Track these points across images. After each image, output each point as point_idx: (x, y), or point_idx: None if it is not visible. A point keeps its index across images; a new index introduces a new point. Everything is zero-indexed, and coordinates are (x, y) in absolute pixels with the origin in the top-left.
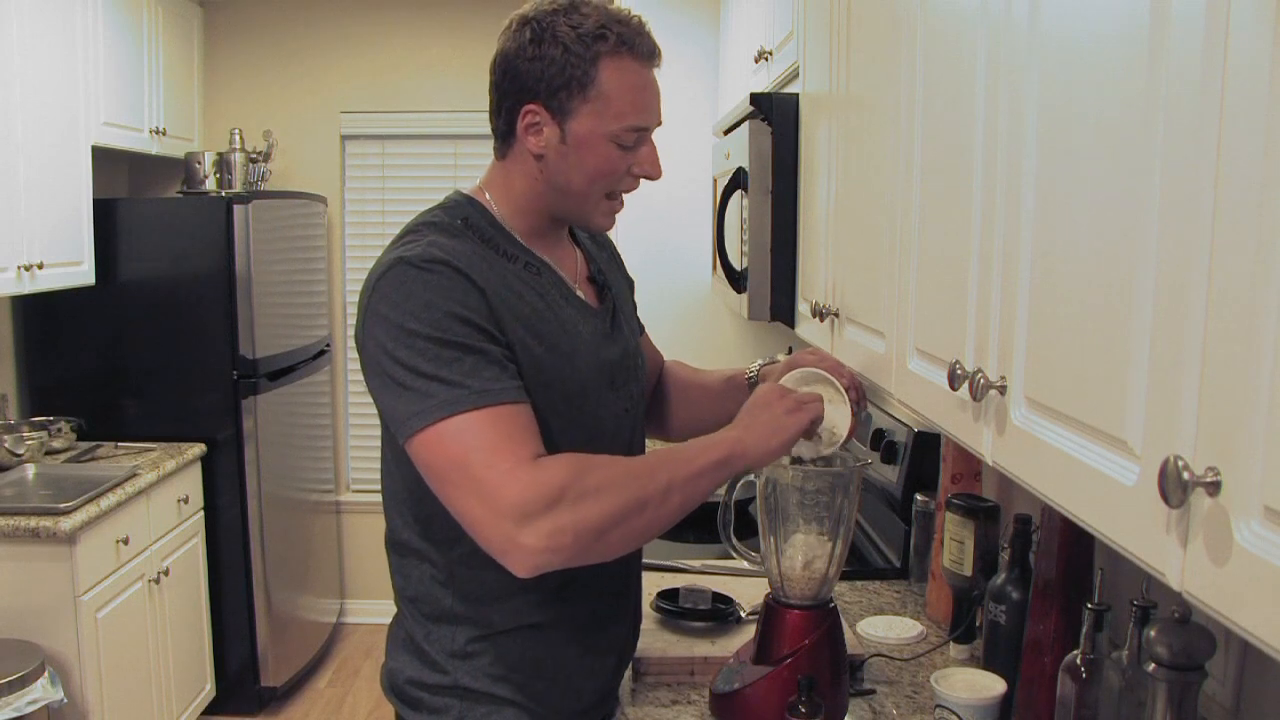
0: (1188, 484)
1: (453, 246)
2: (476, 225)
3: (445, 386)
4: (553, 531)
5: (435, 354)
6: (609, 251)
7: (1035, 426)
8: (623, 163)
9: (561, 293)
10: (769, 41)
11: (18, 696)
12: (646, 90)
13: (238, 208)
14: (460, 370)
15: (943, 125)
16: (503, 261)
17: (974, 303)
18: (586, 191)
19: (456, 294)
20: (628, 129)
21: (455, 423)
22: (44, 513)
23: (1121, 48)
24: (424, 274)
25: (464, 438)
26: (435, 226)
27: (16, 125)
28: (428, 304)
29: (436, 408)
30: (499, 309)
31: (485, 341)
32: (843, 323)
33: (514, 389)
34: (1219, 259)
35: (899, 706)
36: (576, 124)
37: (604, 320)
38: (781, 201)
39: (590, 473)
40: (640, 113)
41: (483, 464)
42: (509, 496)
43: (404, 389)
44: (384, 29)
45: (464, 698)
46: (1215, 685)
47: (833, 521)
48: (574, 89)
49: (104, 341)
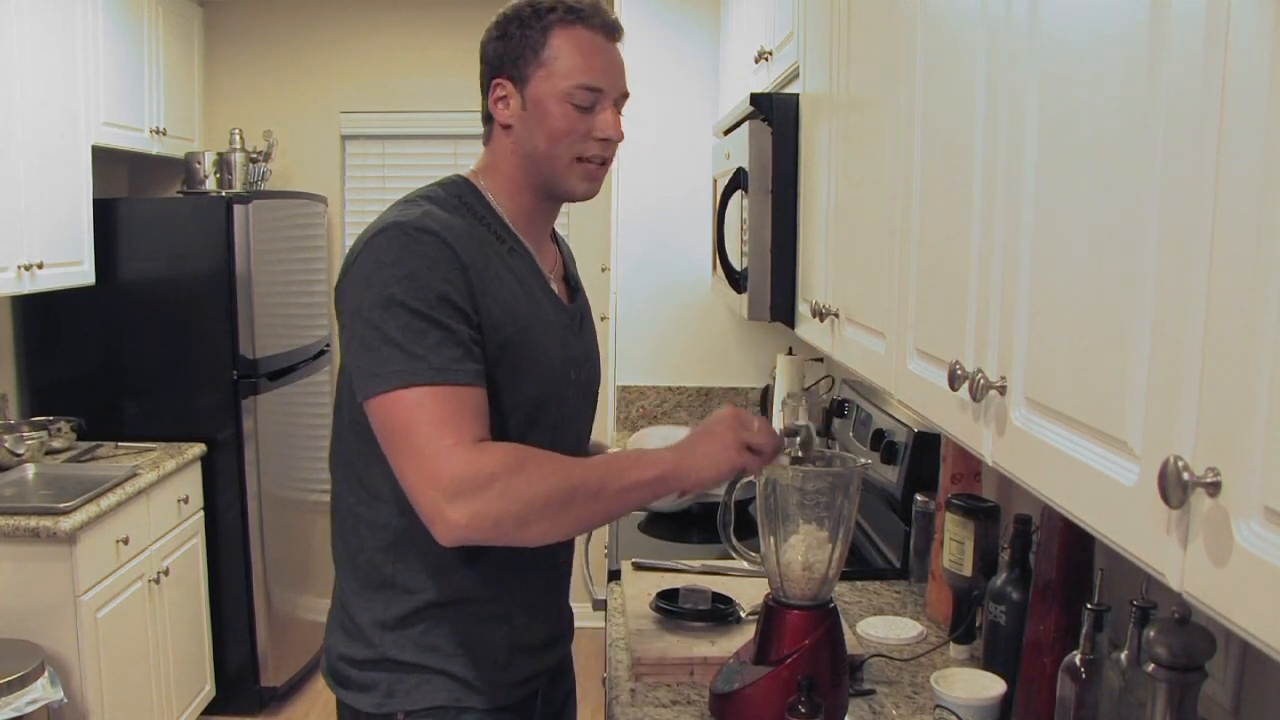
0: (1188, 484)
1: (446, 220)
2: (471, 204)
3: (408, 357)
4: (478, 513)
5: (406, 322)
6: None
7: (1035, 427)
8: (581, 124)
9: (538, 282)
10: (769, 42)
11: (18, 696)
12: (597, 54)
13: (238, 208)
14: (425, 344)
15: (943, 125)
16: (492, 241)
17: (974, 303)
18: (552, 153)
19: (440, 268)
20: (577, 87)
21: (410, 394)
22: (44, 512)
23: (1121, 48)
24: (413, 242)
25: (414, 409)
26: (432, 199)
27: (16, 125)
28: (411, 273)
29: (395, 375)
30: (479, 286)
31: (456, 320)
32: (843, 323)
33: (472, 372)
34: (1219, 259)
35: (899, 707)
36: (533, 88)
37: (573, 318)
38: (781, 202)
39: (525, 466)
40: (589, 72)
41: (426, 437)
42: (444, 472)
43: (370, 350)
44: (384, 29)
45: (391, 670)
46: (1215, 686)
47: (833, 522)
48: (529, 56)
49: (104, 341)
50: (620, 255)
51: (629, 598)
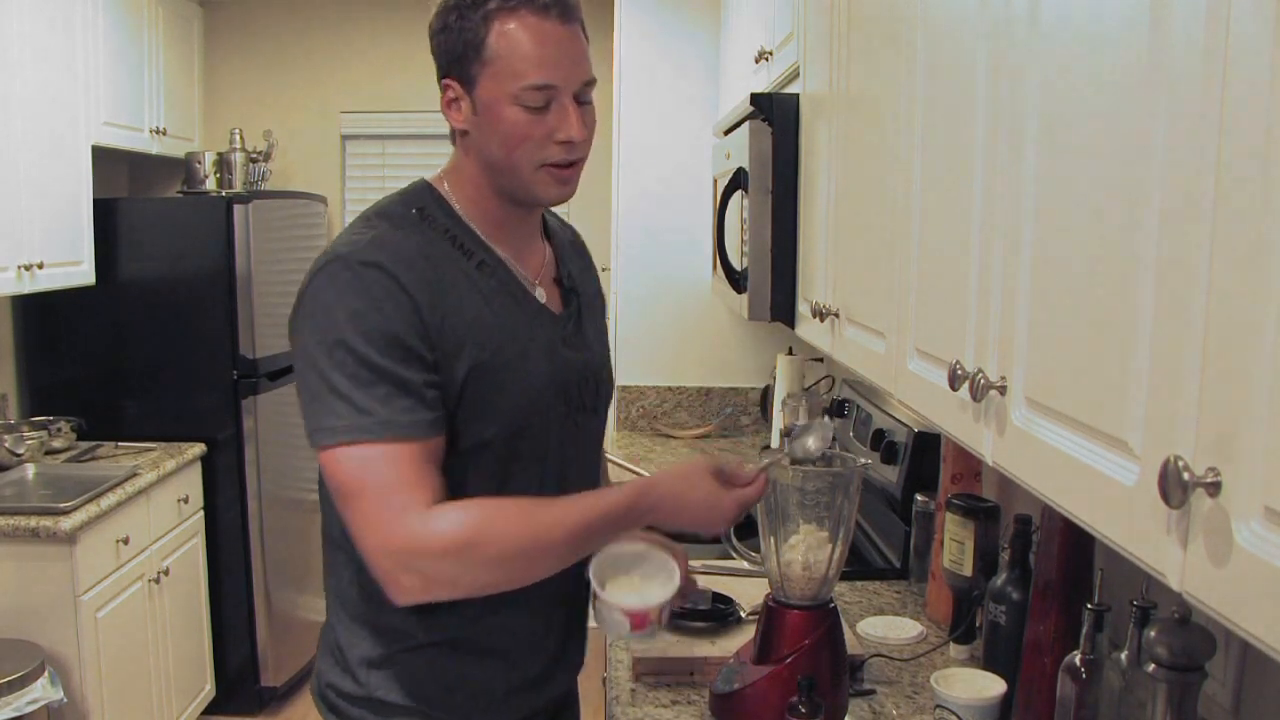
0: (1188, 484)
1: (398, 243)
2: (432, 216)
3: (354, 411)
4: (433, 579)
5: (352, 371)
6: (587, 261)
7: (1035, 427)
8: (537, 127)
9: (513, 294)
10: (769, 42)
11: (18, 696)
12: (545, 44)
13: (238, 207)
14: (372, 396)
15: (943, 124)
16: (456, 256)
17: (974, 303)
18: (510, 163)
19: (387, 305)
20: (527, 88)
21: (357, 451)
22: (44, 512)
23: (1122, 44)
24: (357, 279)
25: (362, 468)
26: (387, 217)
27: (16, 125)
28: (354, 313)
29: (342, 430)
30: (435, 317)
31: (407, 365)
32: (843, 323)
33: (424, 423)
34: (1219, 258)
35: (899, 707)
36: (481, 90)
37: (563, 327)
38: (782, 202)
39: (483, 532)
40: (538, 69)
41: (376, 500)
42: (395, 540)
43: (317, 399)
44: (384, 29)
45: (379, 710)
46: (1215, 686)
47: (833, 522)
48: (470, 54)
49: (104, 341)
50: (620, 255)
51: None
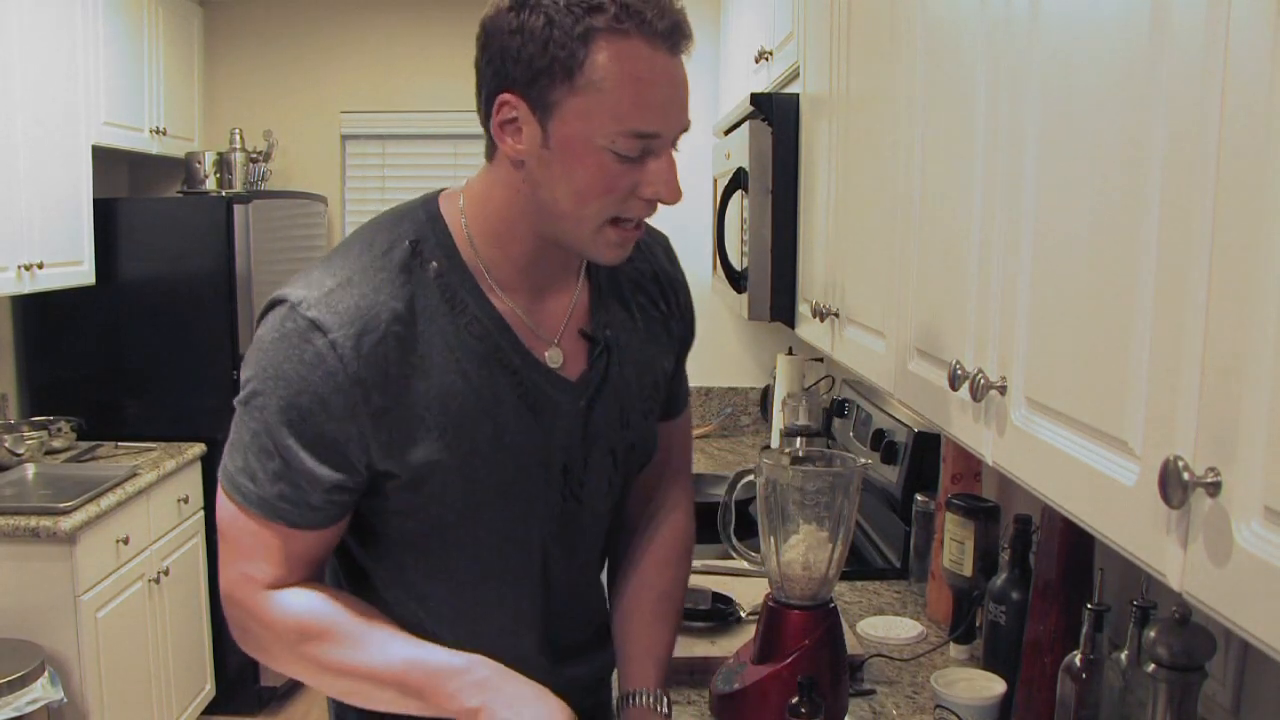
0: (1188, 484)
1: (365, 299)
2: (426, 255)
3: (243, 470)
4: (254, 649)
5: (256, 430)
6: (666, 302)
7: (1035, 427)
8: (624, 179)
9: (505, 364)
10: (769, 42)
11: (18, 696)
12: (656, 85)
13: (238, 207)
14: (263, 467)
15: (942, 124)
16: (440, 312)
17: (974, 303)
18: (576, 214)
19: (317, 381)
20: (628, 134)
21: (231, 505)
22: (44, 512)
23: (1121, 43)
24: (299, 336)
25: (231, 521)
26: (374, 250)
27: (17, 124)
28: (280, 376)
29: (226, 478)
30: (387, 396)
31: (311, 453)
32: (843, 323)
33: (304, 518)
34: (1219, 258)
35: (899, 707)
36: (561, 124)
37: (579, 395)
38: (782, 202)
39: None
40: (647, 113)
41: (232, 553)
42: (234, 597)
43: (234, 426)
44: (384, 29)
45: None
46: (1215, 686)
47: (833, 521)
48: (558, 74)
49: (104, 341)
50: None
51: None
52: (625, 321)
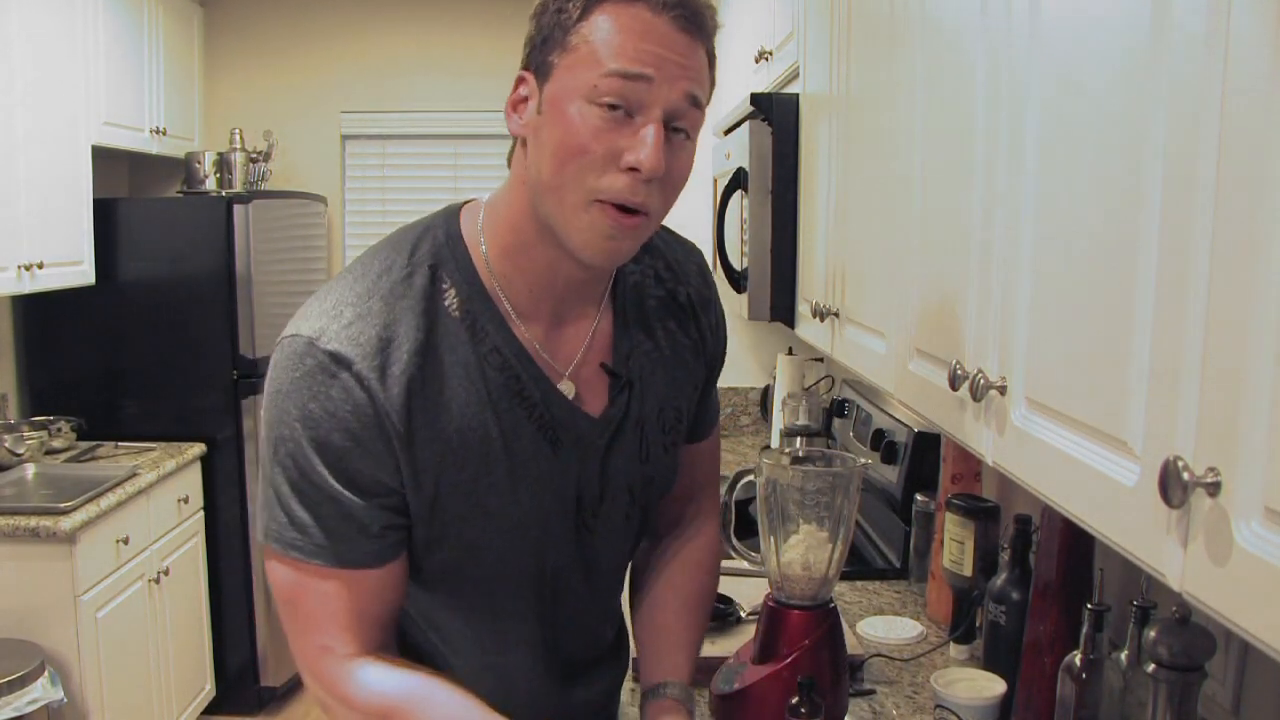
0: (1188, 484)
1: (385, 330)
2: (445, 279)
3: (290, 524)
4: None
5: (294, 479)
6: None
7: (1035, 427)
8: (603, 138)
9: (524, 397)
10: (769, 42)
11: (18, 696)
12: (650, 38)
13: (238, 207)
14: (312, 514)
15: (943, 123)
16: (461, 340)
17: (974, 303)
18: (557, 183)
19: (344, 416)
20: (607, 74)
21: (289, 565)
22: (44, 512)
23: (1121, 41)
24: (321, 371)
25: (295, 585)
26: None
27: (17, 125)
28: (307, 416)
29: (276, 538)
30: (411, 425)
31: (353, 489)
32: (843, 323)
33: (368, 553)
34: (1219, 258)
35: (899, 707)
36: (553, 84)
37: (599, 431)
38: (781, 202)
39: None
40: (629, 57)
41: (304, 623)
42: (311, 670)
43: (264, 484)
44: (384, 28)
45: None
46: (1215, 686)
47: (833, 522)
48: (556, 38)
49: (104, 341)
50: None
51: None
52: (651, 352)
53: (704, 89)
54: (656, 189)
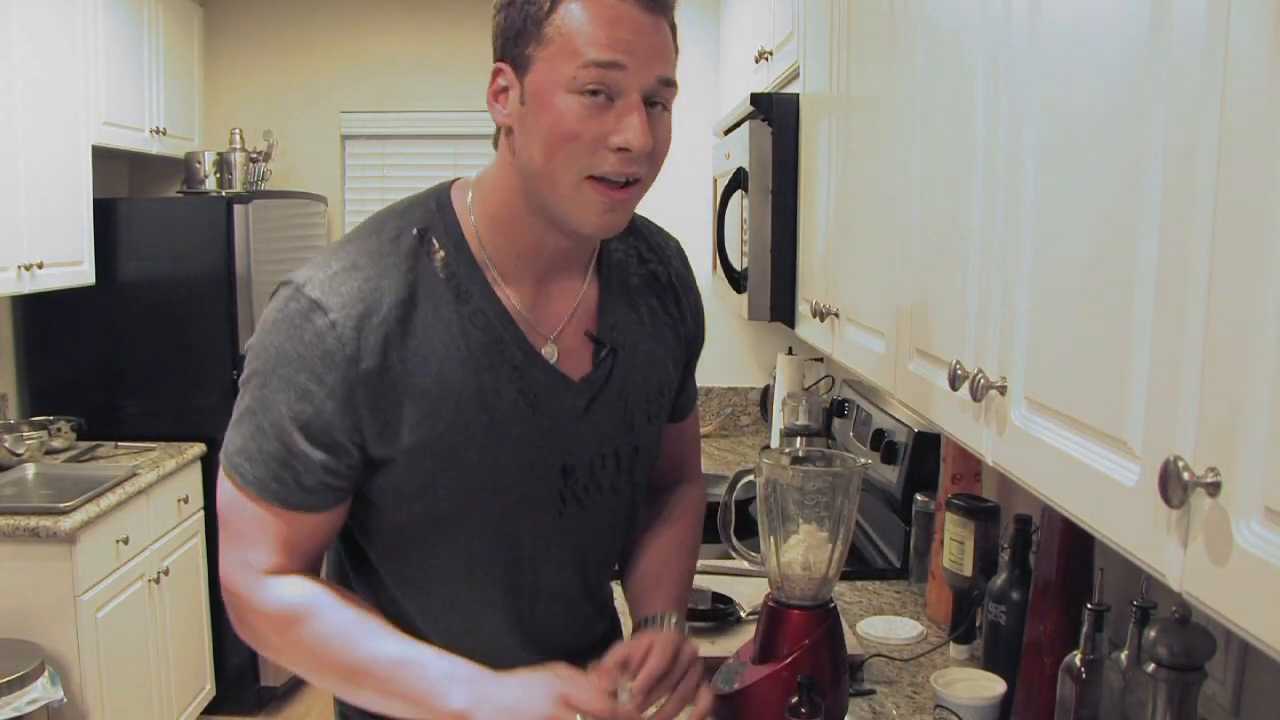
0: (1188, 484)
1: (368, 282)
2: (433, 242)
3: (241, 450)
4: (234, 617)
5: (255, 410)
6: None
7: (1036, 427)
8: (590, 124)
9: (506, 358)
10: (769, 42)
11: (18, 696)
12: (621, 24)
13: (238, 207)
14: (260, 446)
15: (943, 124)
16: (445, 299)
17: (974, 303)
18: (549, 168)
19: (315, 361)
20: (586, 65)
21: (230, 486)
22: (44, 512)
23: (1121, 41)
24: (301, 316)
25: (230, 503)
26: (383, 237)
27: (17, 124)
28: (281, 354)
29: (227, 456)
30: (386, 380)
31: (305, 436)
32: (843, 323)
33: (296, 499)
34: (1219, 258)
35: (899, 707)
36: (534, 76)
37: (580, 395)
38: (781, 202)
39: (300, 630)
40: (604, 46)
41: (230, 538)
42: (230, 584)
43: (236, 408)
44: (384, 28)
45: None
46: (1215, 686)
47: (833, 521)
48: (530, 31)
49: (104, 341)
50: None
51: None
52: (633, 324)
53: (673, 66)
54: (644, 159)
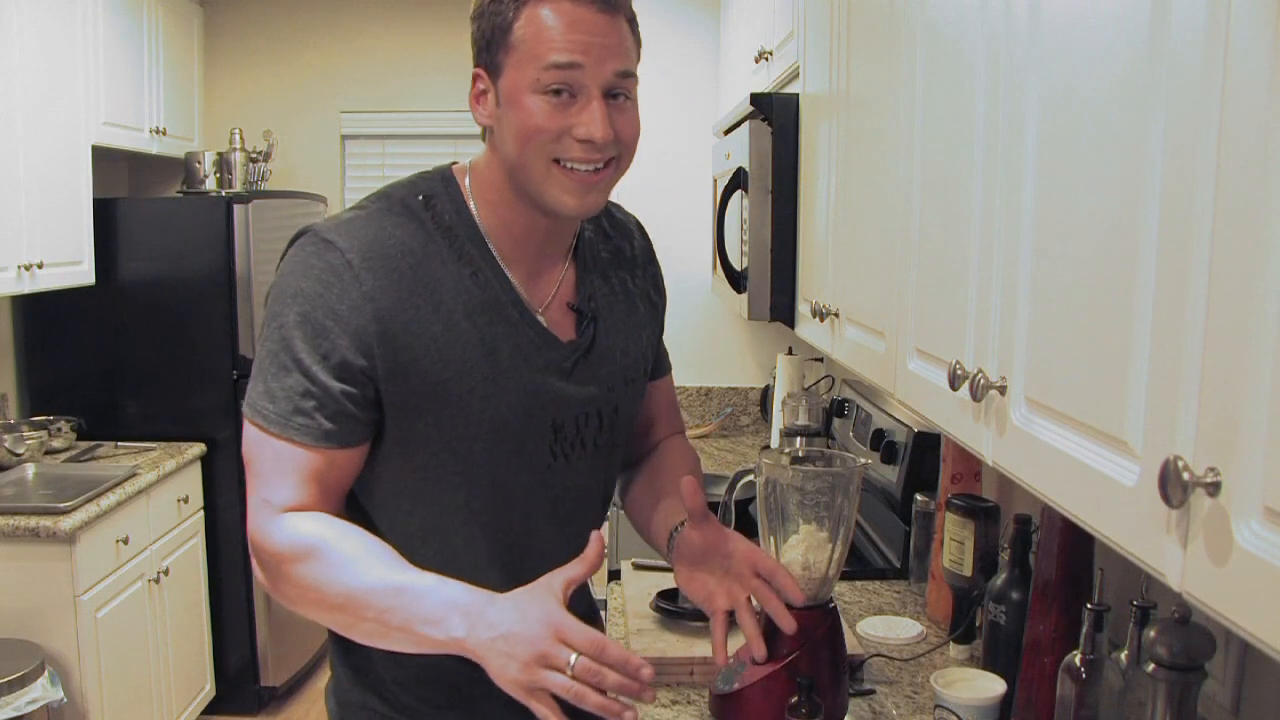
0: (1188, 484)
1: (379, 230)
2: (439, 207)
3: (263, 392)
4: (259, 568)
5: (275, 351)
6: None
7: (1035, 427)
8: (555, 119)
9: (503, 313)
10: (769, 41)
11: (17, 696)
12: (574, 28)
13: (238, 207)
14: (281, 384)
15: (942, 124)
16: (448, 258)
17: (974, 303)
18: (522, 160)
19: (331, 297)
20: (546, 67)
21: (254, 431)
22: (44, 512)
23: (1121, 41)
24: (315, 255)
25: (254, 449)
26: (387, 198)
27: (17, 124)
28: (298, 292)
29: (250, 404)
30: (395, 321)
31: (323, 365)
32: (843, 323)
33: (320, 432)
34: (1218, 257)
35: (899, 707)
36: (505, 80)
37: (567, 356)
38: (781, 202)
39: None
40: (561, 48)
41: (250, 480)
42: (250, 524)
43: (255, 363)
44: (385, 28)
45: None
46: (1215, 685)
47: (833, 522)
48: (498, 39)
49: (104, 341)
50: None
51: (629, 598)
52: (608, 295)
53: (631, 60)
54: (611, 145)
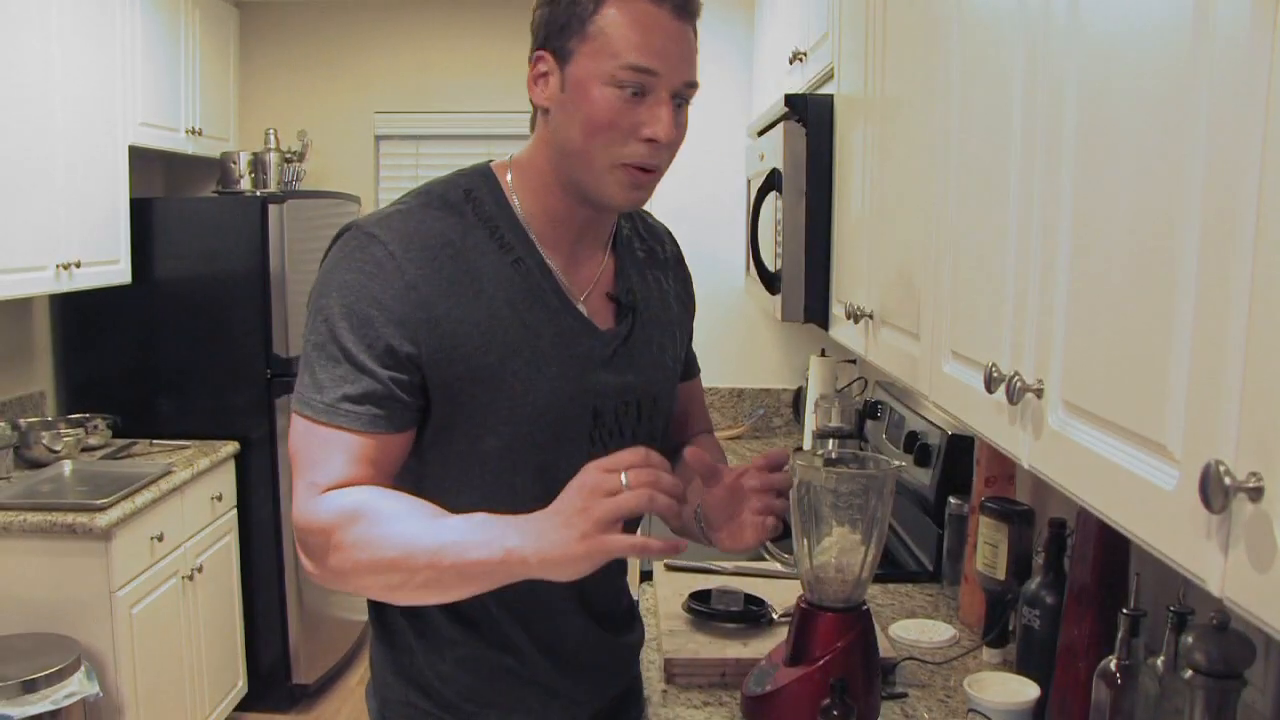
0: (1229, 489)
1: (420, 223)
2: (479, 201)
3: (311, 384)
4: (308, 557)
5: (321, 343)
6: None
7: (1073, 430)
8: (625, 117)
9: (546, 302)
10: (803, 43)
11: (55, 690)
12: (656, 31)
13: (272, 207)
14: (330, 374)
15: (979, 125)
16: (490, 249)
17: (1011, 304)
18: (586, 150)
19: (375, 287)
20: (625, 67)
21: (303, 423)
22: (80, 509)
23: (1162, 39)
24: (359, 249)
25: (301, 440)
26: (428, 193)
27: (56, 125)
28: (343, 285)
29: (298, 399)
30: (438, 308)
31: (370, 353)
32: (877, 325)
33: (364, 417)
34: (1262, 259)
35: (931, 710)
36: (575, 67)
37: (607, 344)
38: (816, 203)
39: (354, 527)
40: (642, 52)
41: (297, 470)
42: (294, 512)
43: (300, 361)
44: (419, 29)
45: None
46: (1255, 694)
47: (866, 524)
48: (574, 27)
49: (139, 340)
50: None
51: (661, 599)
52: (644, 290)
53: (697, 70)
54: (665, 149)
